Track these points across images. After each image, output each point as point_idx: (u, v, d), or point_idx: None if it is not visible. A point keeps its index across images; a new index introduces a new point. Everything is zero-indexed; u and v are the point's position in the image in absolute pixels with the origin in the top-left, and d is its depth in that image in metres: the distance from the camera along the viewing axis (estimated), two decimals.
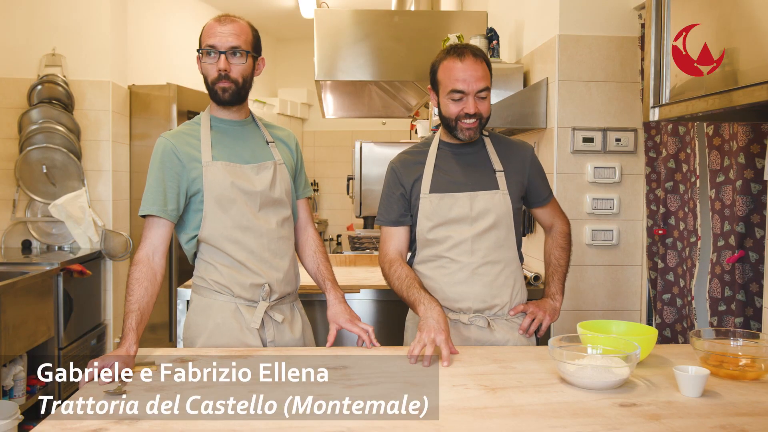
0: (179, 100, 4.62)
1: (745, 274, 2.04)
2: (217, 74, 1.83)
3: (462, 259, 1.92)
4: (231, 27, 1.83)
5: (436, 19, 3.86)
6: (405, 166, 2.00)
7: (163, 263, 1.82)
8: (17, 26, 4.24)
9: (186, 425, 1.26)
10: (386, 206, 2.01)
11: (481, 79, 1.86)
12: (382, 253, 2.00)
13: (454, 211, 1.92)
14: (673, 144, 2.43)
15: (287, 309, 1.94)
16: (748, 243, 2.03)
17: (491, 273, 1.93)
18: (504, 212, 1.93)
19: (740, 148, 1.99)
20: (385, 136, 6.98)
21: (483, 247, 1.92)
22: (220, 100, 1.87)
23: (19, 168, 4.14)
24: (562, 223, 2.11)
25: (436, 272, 1.95)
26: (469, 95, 1.86)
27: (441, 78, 1.90)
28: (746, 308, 2.05)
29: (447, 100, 1.89)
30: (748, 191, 1.99)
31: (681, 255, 2.46)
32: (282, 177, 1.92)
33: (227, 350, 1.77)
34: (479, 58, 1.88)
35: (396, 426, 1.27)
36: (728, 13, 1.38)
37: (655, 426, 1.27)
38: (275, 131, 2.02)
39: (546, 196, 2.07)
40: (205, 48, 1.83)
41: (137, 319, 1.69)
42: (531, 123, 2.82)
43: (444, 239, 1.93)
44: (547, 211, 2.09)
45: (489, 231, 1.92)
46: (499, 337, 1.93)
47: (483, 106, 1.89)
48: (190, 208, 1.86)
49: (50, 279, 3.57)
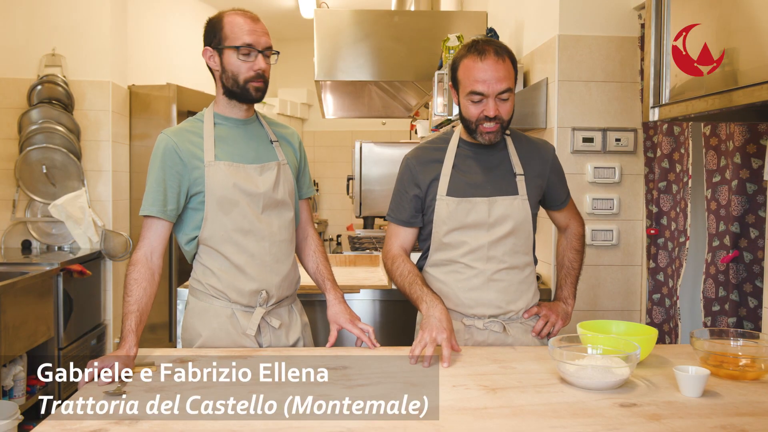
0: (179, 100, 4.62)
1: (739, 275, 2.04)
2: (254, 74, 1.79)
3: (477, 266, 1.86)
4: (262, 25, 1.81)
5: (436, 19, 3.86)
6: (421, 162, 1.92)
7: (161, 263, 1.81)
8: (17, 26, 4.24)
9: (186, 425, 1.26)
10: (397, 204, 1.94)
11: (502, 80, 1.75)
12: (385, 249, 1.96)
13: (471, 217, 1.85)
14: (667, 144, 2.44)
15: (285, 312, 1.92)
16: (743, 243, 2.03)
17: (507, 279, 1.88)
18: (522, 218, 1.87)
19: (737, 148, 1.99)
20: (385, 136, 6.98)
21: (499, 254, 1.86)
22: (250, 99, 1.82)
23: (19, 168, 4.14)
24: (578, 225, 2.06)
25: (449, 277, 1.89)
26: (489, 97, 1.76)
27: (461, 77, 1.80)
28: (740, 308, 2.05)
29: (467, 101, 1.80)
30: (744, 191, 1.99)
31: (671, 255, 2.46)
32: (285, 178, 1.89)
33: (227, 350, 1.77)
34: (502, 56, 1.77)
35: (396, 426, 1.27)
36: (728, 13, 1.38)
37: (655, 426, 1.27)
38: (279, 129, 1.98)
39: (564, 198, 2.02)
40: (243, 46, 1.77)
41: (137, 320, 1.69)
42: (531, 123, 2.81)
43: (459, 244, 1.87)
44: (564, 213, 2.05)
45: (506, 237, 1.86)
46: (512, 340, 1.90)
47: (504, 108, 1.79)
48: (189, 207, 1.83)
49: (50, 279, 3.56)
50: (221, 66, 1.81)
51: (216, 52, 1.81)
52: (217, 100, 1.88)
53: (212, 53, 1.82)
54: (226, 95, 1.85)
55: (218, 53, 1.81)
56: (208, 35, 1.82)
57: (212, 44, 1.81)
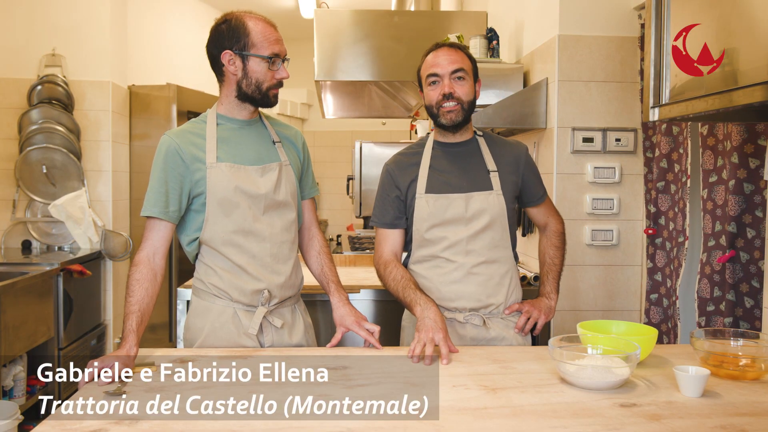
0: (179, 100, 4.62)
1: (735, 275, 2.04)
2: (276, 81, 1.83)
3: (457, 259, 1.93)
4: (279, 33, 1.83)
5: (436, 19, 3.86)
6: (400, 167, 2.01)
7: (164, 264, 1.82)
8: (17, 26, 4.24)
9: (186, 425, 1.26)
10: (381, 208, 2.01)
11: (454, 62, 1.90)
12: (377, 255, 2.01)
13: (450, 212, 1.93)
14: (666, 144, 2.44)
15: (287, 312, 1.92)
16: (739, 243, 2.03)
17: (486, 273, 1.94)
18: (498, 212, 1.94)
19: (734, 148, 1.99)
20: (385, 137, 6.98)
21: (478, 247, 1.93)
22: (268, 104, 1.86)
23: (19, 168, 4.14)
24: (557, 222, 2.12)
25: (431, 272, 1.96)
26: (443, 77, 1.90)
27: (421, 73, 1.96)
28: (736, 308, 2.05)
29: (427, 89, 1.94)
30: (741, 191, 1.99)
31: (669, 255, 2.46)
32: (287, 179, 1.89)
33: (227, 350, 1.77)
34: (455, 48, 1.93)
35: (396, 426, 1.27)
36: (728, 13, 1.38)
37: (655, 426, 1.27)
38: (282, 130, 1.98)
39: (540, 195, 2.08)
40: (272, 56, 1.80)
41: (137, 320, 1.69)
42: (531, 123, 2.82)
43: (439, 240, 1.94)
44: (541, 210, 2.10)
45: (484, 231, 1.93)
46: (494, 334, 1.94)
47: (461, 89, 1.91)
48: (191, 209, 1.84)
49: (50, 279, 3.56)
50: (243, 71, 1.81)
51: (239, 57, 1.80)
52: (223, 101, 1.88)
53: (233, 57, 1.80)
54: (239, 98, 1.85)
55: (242, 59, 1.80)
56: (229, 38, 1.79)
57: (234, 48, 1.79)
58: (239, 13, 1.82)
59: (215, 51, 1.82)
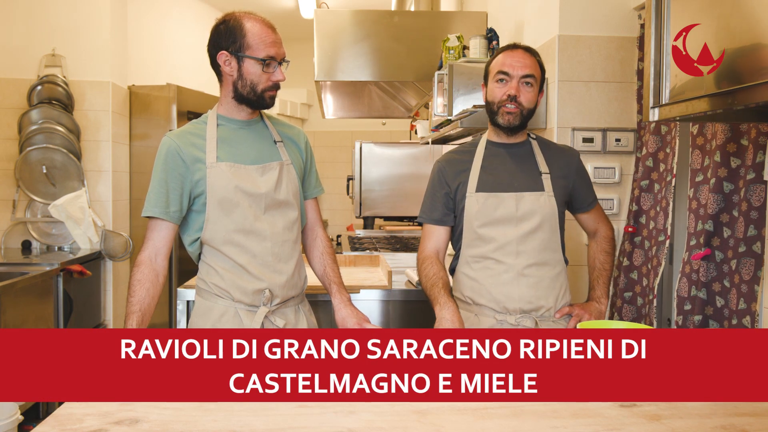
0: (179, 100, 4.62)
1: (709, 273, 2.03)
2: (272, 84, 1.82)
3: (508, 261, 1.93)
4: (279, 35, 1.82)
5: (436, 20, 3.87)
6: (451, 164, 2.03)
7: (166, 264, 1.82)
8: (17, 26, 4.24)
9: (186, 425, 1.26)
10: (430, 204, 2.04)
11: (527, 66, 1.92)
12: (419, 249, 2.05)
13: (500, 212, 1.94)
14: (653, 143, 2.44)
15: (291, 312, 1.92)
16: (716, 242, 2.02)
17: (537, 275, 1.94)
18: (549, 214, 1.95)
19: (718, 147, 1.99)
20: (385, 137, 6.99)
21: (528, 249, 1.93)
22: (264, 106, 1.86)
23: (19, 168, 4.14)
24: (607, 228, 2.15)
25: (481, 273, 1.96)
26: (513, 78, 1.91)
27: (491, 68, 1.97)
28: (706, 307, 2.04)
29: (493, 85, 1.95)
30: (721, 189, 1.99)
31: (647, 254, 2.45)
32: (289, 178, 1.89)
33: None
34: (531, 52, 1.96)
35: (396, 426, 1.27)
36: (728, 13, 1.38)
37: (655, 426, 1.27)
38: (284, 129, 1.98)
39: (590, 201, 2.10)
40: (267, 59, 1.79)
41: (138, 320, 1.69)
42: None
43: (489, 240, 1.94)
44: (591, 216, 2.13)
45: (534, 232, 1.93)
46: None
47: (526, 94, 1.92)
48: (193, 210, 1.85)
49: (50, 279, 3.57)
50: (238, 72, 1.81)
51: (234, 58, 1.80)
52: (222, 102, 1.88)
53: (229, 58, 1.80)
54: (236, 99, 1.85)
55: (237, 60, 1.80)
56: (225, 39, 1.80)
57: (230, 49, 1.80)
58: (239, 14, 1.82)
59: (213, 51, 1.83)
